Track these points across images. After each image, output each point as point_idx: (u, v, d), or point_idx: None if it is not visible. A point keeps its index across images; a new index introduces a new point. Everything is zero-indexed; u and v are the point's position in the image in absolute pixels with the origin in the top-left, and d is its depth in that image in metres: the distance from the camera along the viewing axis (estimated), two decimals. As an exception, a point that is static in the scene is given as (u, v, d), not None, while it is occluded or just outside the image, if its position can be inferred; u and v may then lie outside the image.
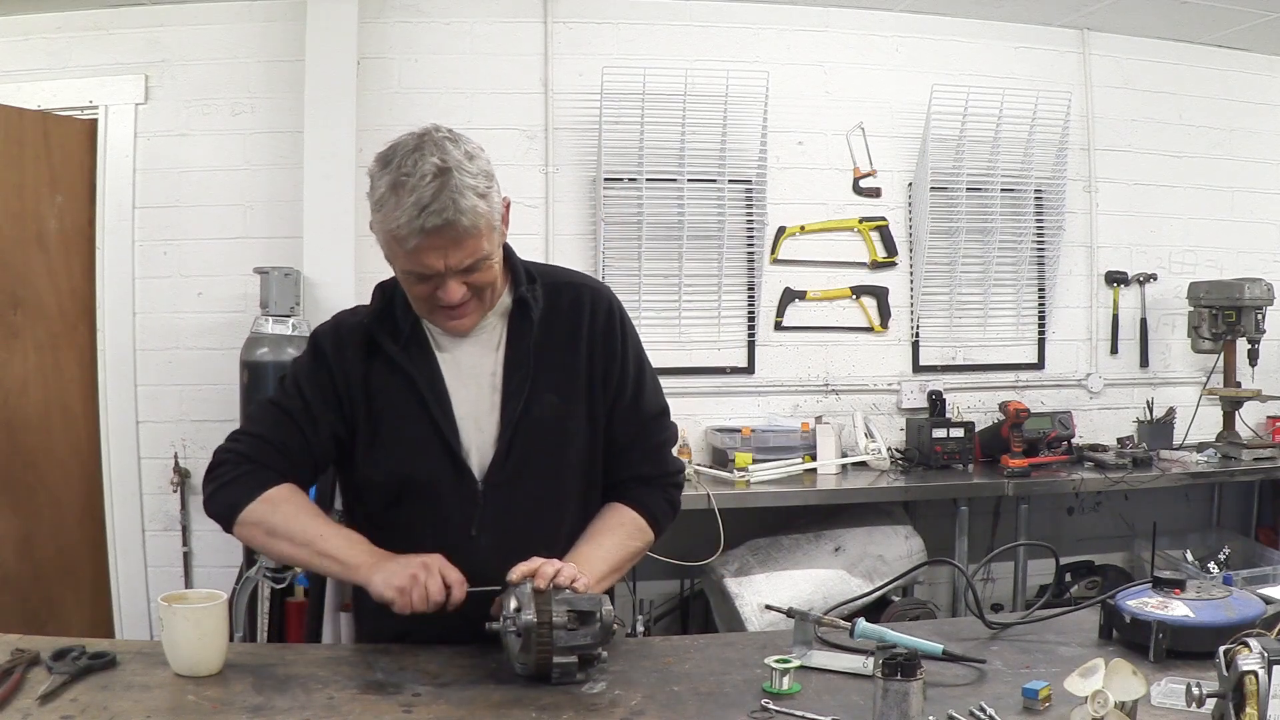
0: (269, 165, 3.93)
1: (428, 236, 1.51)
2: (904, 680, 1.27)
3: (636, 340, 1.80)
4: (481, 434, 1.68)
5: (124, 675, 1.51)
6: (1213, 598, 1.61)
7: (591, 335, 1.73)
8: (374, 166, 1.56)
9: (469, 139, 1.59)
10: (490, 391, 1.69)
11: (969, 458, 4.00)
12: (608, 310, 1.76)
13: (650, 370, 1.82)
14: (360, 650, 1.68)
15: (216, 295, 3.93)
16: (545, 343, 1.70)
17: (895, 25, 4.29)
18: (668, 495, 1.80)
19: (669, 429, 1.84)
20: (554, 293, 1.74)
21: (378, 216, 1.55)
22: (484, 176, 1.56)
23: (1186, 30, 4.38)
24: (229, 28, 3.93)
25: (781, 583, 3.55)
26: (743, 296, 4.21)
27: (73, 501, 3.89)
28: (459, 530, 1.65)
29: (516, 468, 1.67)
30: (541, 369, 1.69)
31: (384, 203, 1.53)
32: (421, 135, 1.56)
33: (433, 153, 1.52)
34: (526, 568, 1.50)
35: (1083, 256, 4.48)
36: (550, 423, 1.68)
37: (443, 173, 1.50)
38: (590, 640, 1.48)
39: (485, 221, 1.55)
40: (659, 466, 1.80)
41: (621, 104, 4.00)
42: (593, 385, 1.73)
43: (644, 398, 1.78)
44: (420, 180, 1.50)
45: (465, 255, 1.55)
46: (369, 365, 1.70)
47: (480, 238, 1.55)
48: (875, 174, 4.29)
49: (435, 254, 1.53)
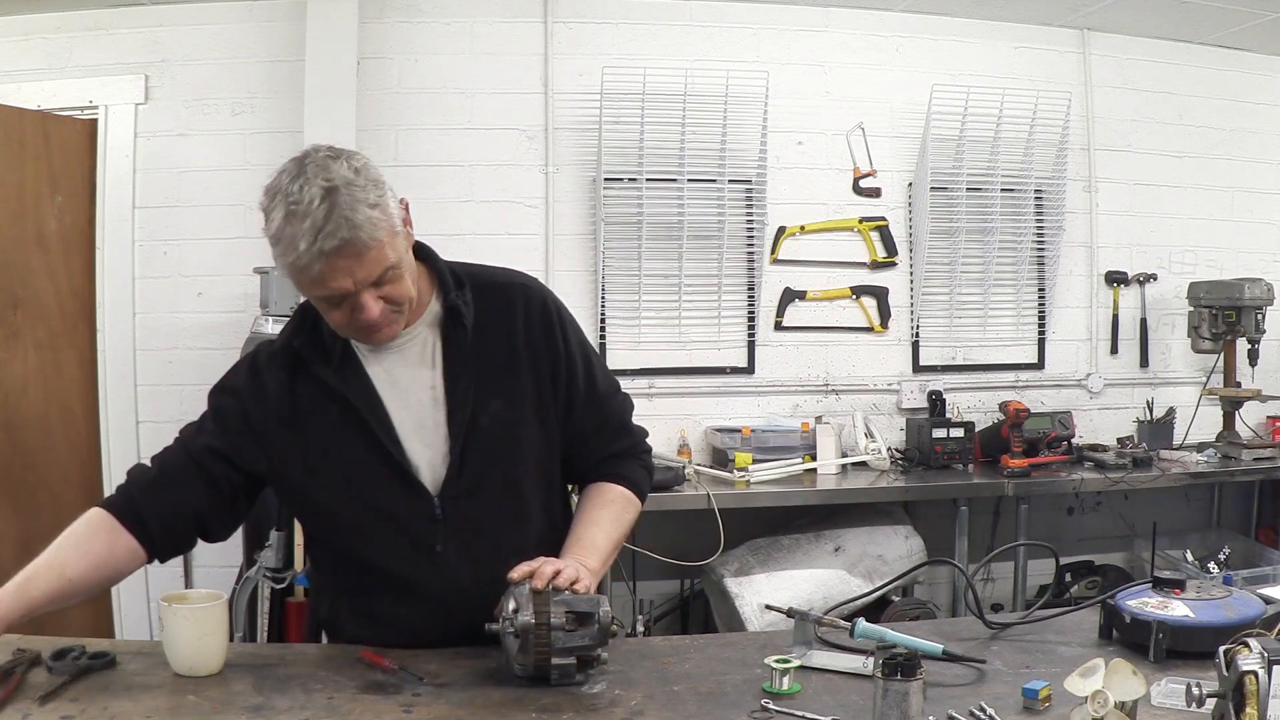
0: (269, 165, 3.81)
1: (329, 259, 1.46)
2: (904, 680, 1.27)
3: (577, 330, 1.78)
4: (430, 450, 1.64)
5: (124, 675, 1.52)
6: (1213, 598, 1.61)
7: (530, 335, 1.70)
8: (263, 199, 1.51)
9: (352, 151, 1.55)
10: (432, 406, 1.65)
11: (969, 458, 4.00)
12: (541, 306, 1.72)
13: (595, 355, 1.81)
14: (360, 650, 1.68)
15: (216, 295, 3.93)
16: (482, 349, 1.66)
17: (895, 25, 4.29)
18: (642, 462, 1.83)
19: (626, 401, 1.84)
20: (485, 295, 1.69)
21: (277, 251, 1.49)
22: (373, 186, 1.50)
23: (1186, 30, 4.38)
24: (229, 28, 3.93)
25: (781, 583, 3.55)
26: (743, 296, 4.21)
27: (73, 501, 3.88)
28: (424, 548, 1.62)
29: (472, 479, 1.64)
30: (483, 377, 1.65)
31: (280, 236, 1.47)
32: (302, 160, 1.51)
33: (316, 175, 1.47)
34: (527, 568, 1.50)
35: (1083, 256, 4.48)
36: (500, 430, 1.65)
37: (330, 193, 1.45)
38: (589, 641, 1.47)
39: (385, 230, 1.49)
40: (626, 440, 1.81)
41: (621, 104, 4.00)
42: (539, 386, 1.69)
43: (597, 385, 1.77)
44: (309, 205, 1.45)
45: (371, 269, 1.49)
46: (294, 391, 1.64)
47: (382, 248, 1.49)
48: (875, 174, 4.29)
49: (341, 275, 1.48)
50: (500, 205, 4.06)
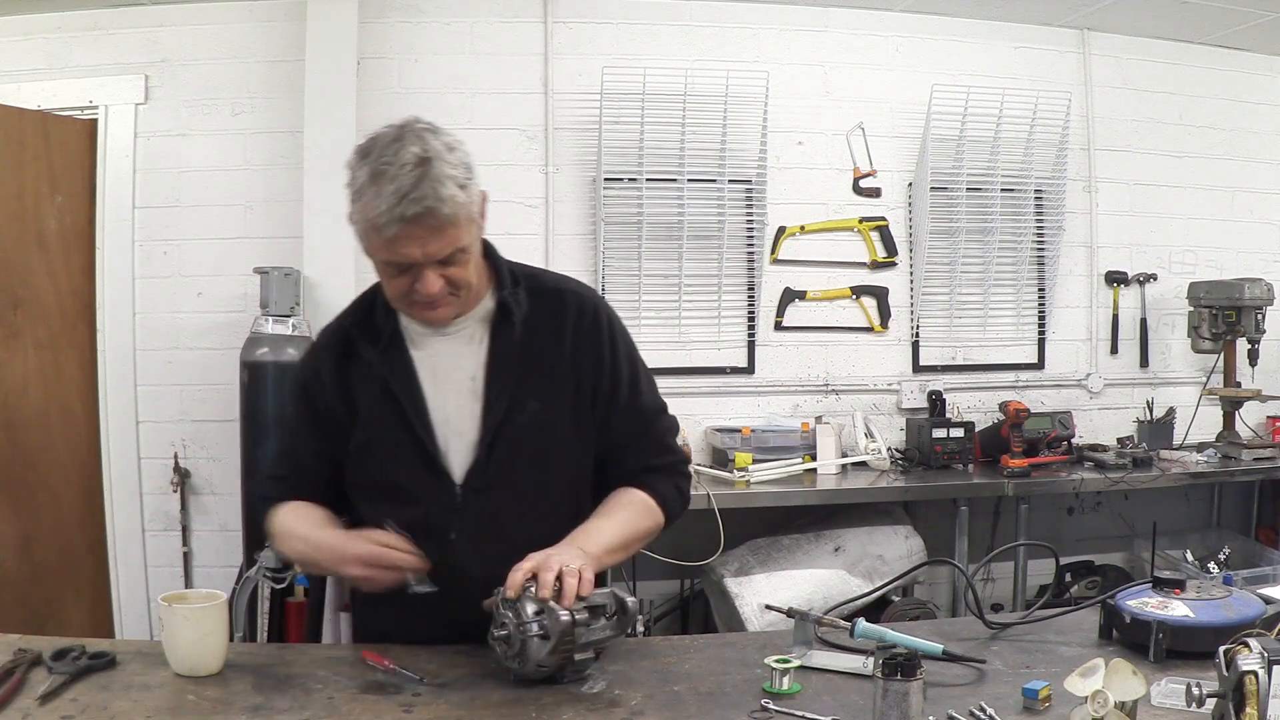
0: (269, 165, 3.93)
1: (407, 225, 1.49)
2: (904, 680, 1.27)
3: (628, 342, 1.79)
4: (461, 439, 1.67)
5: (124, 675, 1.51)
6: (1213, 598, 1.61)
7: (577, 342, 1.71)
8: (353, 158, 1.55)
9: (448, 132, 1.59)
10: (470, 397, 1.68)
11: (969, 458, 4.00)
12: (594, 315, 1.74)
13: (644, 369, 1.81)
14: (360, 650, 1.68)
15: (216, 295, 3.93)
16: (528, 348, 1.68)
17: (895, 25, 4.29)
18: (676, 483, 1.79)
19: (669, 421, 1.83)
20: (539, 297, 1.72)
21: (356, 206, 1.54)
22: (464, 168, 1.55)
23: (1186, 30, 4.38)
24: (229, 28, 3.93)
25: (781, 583, 3.55)
26: (743, 296, 4.21)
27: (73, 501, 3.89)
28: (438, 533, 1.63)
29: (497, 474, 1.66)
30: (524, 375, 1.67)
31: (363, 192, 1.52)
32: (402, 126, 1.55)
33: (413, 143, 1.51)
34: (525, 572, 1.48)
35: (1083, 256, 4.48)
36: (533, 430, 1.67)
37: (423, 162, 1.49)
38: (610, 633, 1.51)
39: (464, 212, 1.54)
40: (665, 456, 1.79)
41: (621, 104, 4.00)
42: (580, 393, 1.71)
43: (641, 398, 1.77)
44: (401, 169, 1.48)
45: (443, 245, 1.54)
46: (347, 371, 1.70)
47: (459, 228, 1.54)
48: (875, 174, 4.29)
49: (414, 243, 1.52)
50: (500, 205, 3.99)
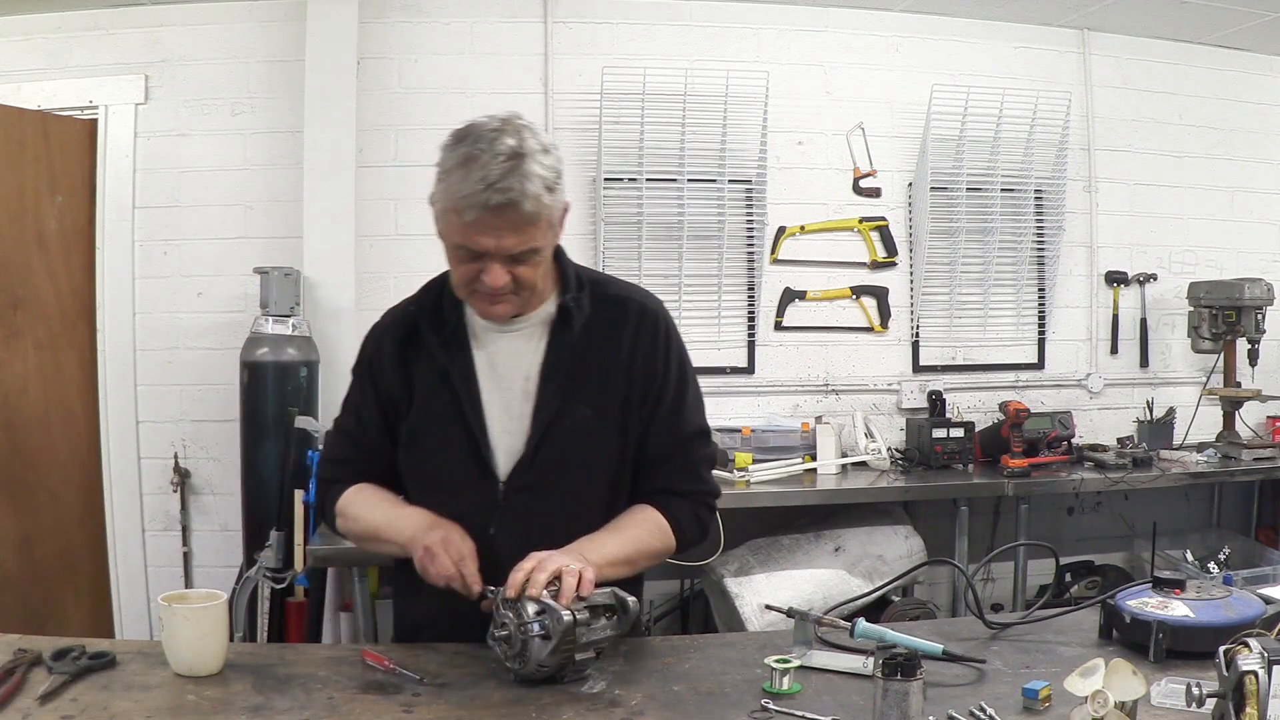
0: (269, 165, 3.92)
1: (488, 213, 1.51)
2: (904, 680, 1.27)
3: (683, 357, 1.79)
4: (510, 436, 1.69)
5: (124, 675, 1.51)
6: (1213, 598, 1.61)
7: (634, 351, 1.72)
8: (448, 140, 1.57)
9: (548, 136, 1.61)
10: (523, 396, 1.69)
11: (969, 458, 4.00)
12: (654, 326, 1.75)
13: (695, 389, 1.80)
14: (360, 650, 1.68)
15: (216, 295, 3.93)
16: (585, 353, 1.70)
17: (895, 25, 4.29)
18: (697, 512, 1.78)
19: (707, 448, 1.81)
20: (602, 304, 1.73)
21: (441, 187, 1.56)
22: (554, 172, 1.57)
23: (1186, 30, 4.38)
24: (229, 28, 3.93)
25: (781, 583, 3.55)
26: (743, 296, 4.21)
27: (73, 501, 3.89)
28: (477, 527, 1.65)
29: (541, 474, 1.67)
30: (578, 379, 1.69)
31: (451, 174, 1.54)
32: (504, 119, 1.57)
33: (511, 136, 1.53)
34: (525, 573, 1.48)
35: (1083, 256, 4.48)
36: (580, 434, 1.68)
37: (516, 156, 1.51)
38: (610, 632, 1.51)
39: (545, 215, 1.56)
40: (693, 483, 1.77)
41: (621, 104, 4.00)
42: (629, 401, 1.71)
43: (683, 414, 1.76)
44: (493, 158, 1.50)
45: (518, 241, 1.55)
46: (410, 357, 1.73)
47: (536, 228, 1.56)
48: (875, 174, 4.29)
49: (489, 232, 1.53)
50: (500, 205, 4.05)
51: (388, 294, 3.82)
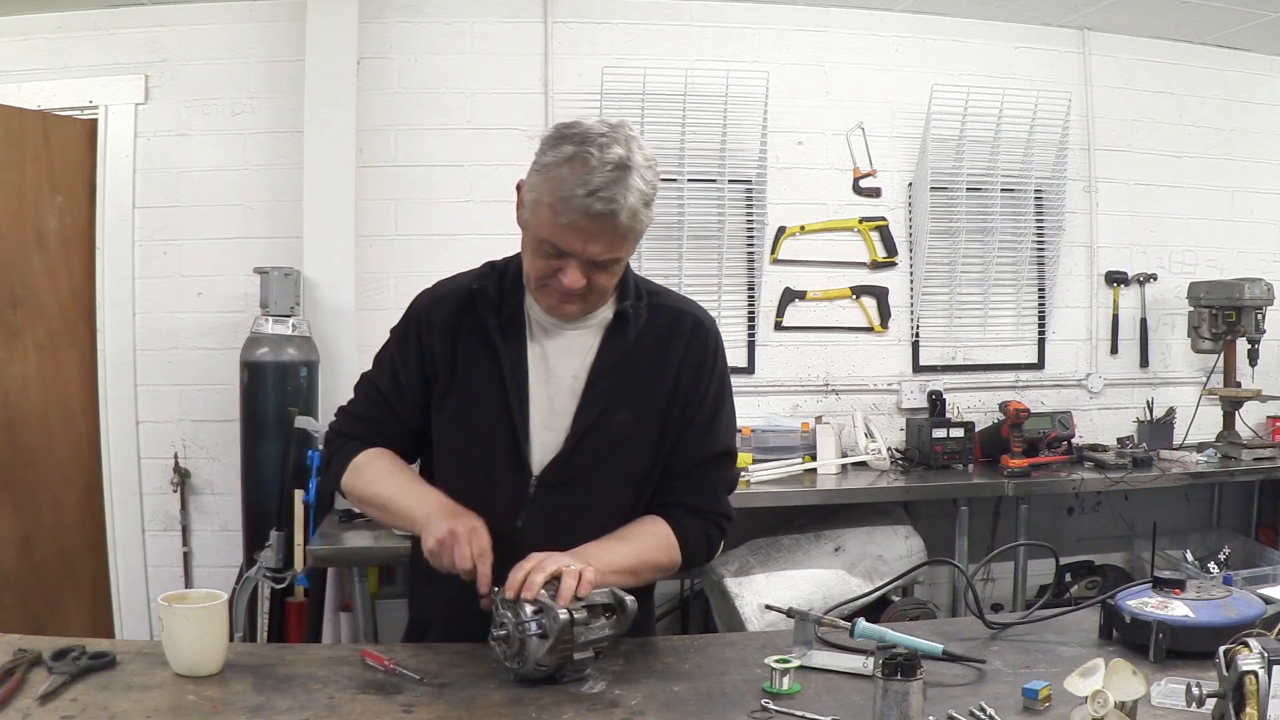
0: (269, 165, 3.93)
1: (585, 218, 1.51)
2: (904, 680, 1.27)
3: (724, 378, 1.79)
4: (550, 434, 1.69)
5: (124, 675, 1.51)
6: (1213, 598, 1.61)
7: (683, 362, 1.72)
8: (552, 133, 1.57)
9: (651, 150, 1.60)
10: (568, 395, 1.69)
11: (969, 458, 4.00)
12: (705, 341, 1.76)
13: (729, 411, 1.80)
14: (360, 650, 1.68)
15: (216, 295, 3.93)
16: (635, 360, 1.70)
17: (895, 25, 4.29)
18: (707, 531, 1.76)
19: (729, 471, 1.81)
20: (658, 314, 1.74)
21: (540, 178, 1.55)
22: (653, 188, 1.58)
23: (1186, 30, 4.38)
24: (229, 28, 3.93)
25: (781, 583, 3.55)
26: (743, 296, 4.21)
27: (73, 501, 3.89)
28: (505, 519, 1.65)
29: (574, 473, 1.67)
30: (624, 385, 1.69)
31: (556, 168, 1.52)
32: (615, 125, 1.57)
33: (621, 145, 1.53)
34: (525, 573, 1.48)
35: (1083, 256, 4.48)
36: (619, 439, 1.68)
37: (624, 166, 1.52)
38: (608, 632, 1.50)
39: (637, 228, 1.56)
40: (709, 502, 1.76)
41: (621, 104, 4.00)
42: (670, 412, 1.72)
43: (715, 433, 1.76)
44: (602, 164, 1.50)
45: (605, 249, 1.56)
46: (461, 334, 1.71)
47: (626, 240, 1.57)
48: (875, 174, 4.29)
49: (580, 237, 1.54)
50: (500, 205, 3.98)
51: (388, 294, 3.85)
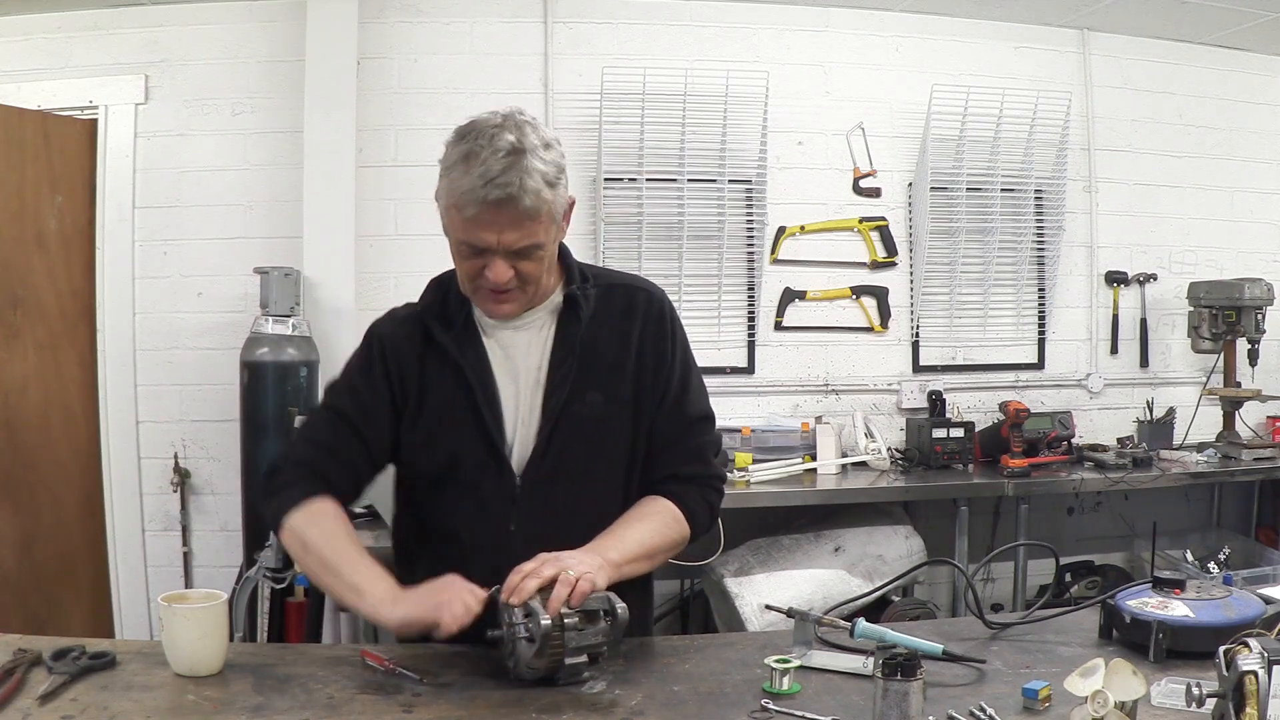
0: (269, 165, 3.93)
1: (487, 208, 1.53)
2: (904, 680, 1.27)
3: (685, 344, 1.81)
4: (524, 429, 1.69)
5: (124, 675, 1.51)
6: (1213, 598, 1.61)
7: (643, 337, 1.74)
8: (451, 138, 1.59)
9: (550, 131, 1.61)
10: (534, 388, 1.69)
11: (969, 458, 4.00)
12: (660, 313, 1.77)
13: (697, 375, 1.81)
14: (360, 650, 1.68)
15: (216, 295, 3.93)
16: (593, 342, 1.70)
17: (895, 25, 4.29)
18: (706, 497, 1.77)
19: (711, 433, 1.82)
20: (607, 293, 1.75)
21: (444, 183, 1.58)
22: (555, 168, 1.58)
23: (1186, 30, 4.38)
24: (229, 28, 3.93)
25: (781, 583, 3.55)
26: (743, 296, 4.21)
27: (73, 502, 3.89)
28: (497, 525, 1.65)
29: (554, 465, 1.67)
30: (586, 367, 1.69)
31: (452, 170, 1.55)
32: (505, 115, 1.58)
33: (511, 132, 1.54)
34: (519, 579, 1.48)
35: (1083, 256, 4.48)
36: (591, 422, 1.68)
37: (516, 151, 1.52)
38: (600, 639, 1.49)
39: (547, 210, 1.57)
40: (699, 467, 1.77)
41: (621, 104, 4.00)
42: (640, 388, 1.72)
43: (687, 400, 1.77)
44: (493, 154, 1.52)
45: (519, 237, 1.56)
46: (424, 356, 1.71)
47: (538, 224, 1.57)
48: (875, 174, 4.29)
49: (490, 229, 1.55)
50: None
51: (388, 294, 3.85)
